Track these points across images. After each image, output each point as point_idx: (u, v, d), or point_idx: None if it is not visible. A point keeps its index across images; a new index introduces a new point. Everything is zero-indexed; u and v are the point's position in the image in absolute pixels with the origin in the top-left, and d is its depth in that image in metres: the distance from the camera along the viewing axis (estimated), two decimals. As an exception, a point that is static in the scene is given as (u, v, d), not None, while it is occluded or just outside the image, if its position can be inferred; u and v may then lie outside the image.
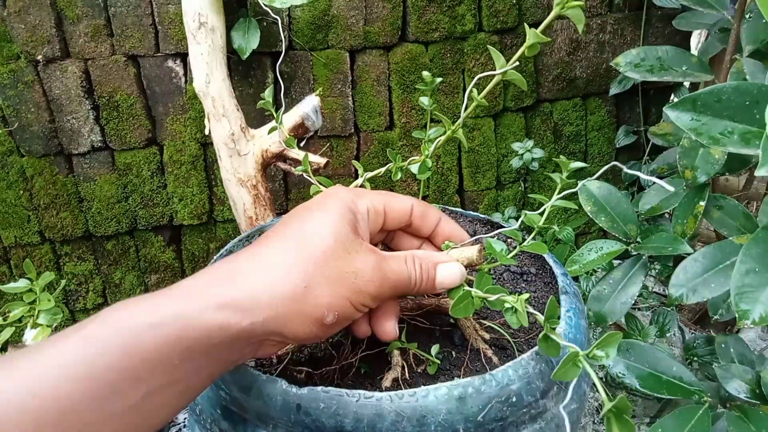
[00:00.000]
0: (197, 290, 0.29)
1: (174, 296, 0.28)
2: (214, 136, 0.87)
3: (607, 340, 0.30)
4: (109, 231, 1.06)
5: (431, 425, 0.33)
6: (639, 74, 0.86)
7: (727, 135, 0.43)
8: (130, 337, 0.26)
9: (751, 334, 1.19)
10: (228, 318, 0.28)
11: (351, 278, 0.32)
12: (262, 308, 0.29)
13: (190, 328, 0.27)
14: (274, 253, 0.31)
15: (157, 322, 0.27)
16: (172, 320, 0.27)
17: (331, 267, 0.31)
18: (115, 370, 0.25)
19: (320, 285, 0.30)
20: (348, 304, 0.32)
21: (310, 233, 0.32)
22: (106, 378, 0.25)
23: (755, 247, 0.46)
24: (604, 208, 0.76)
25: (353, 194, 0.36)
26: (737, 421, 0.59)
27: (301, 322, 0.30)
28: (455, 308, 0.36)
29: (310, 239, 0.32)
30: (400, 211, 0.38)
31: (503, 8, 1.06)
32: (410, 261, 0.35)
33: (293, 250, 0.31)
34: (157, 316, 0.27)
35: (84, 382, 0.25)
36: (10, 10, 0.90)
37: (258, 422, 0.35)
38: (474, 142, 1.14)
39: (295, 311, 0.30)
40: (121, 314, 0.27)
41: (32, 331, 0.74)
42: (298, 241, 0.32)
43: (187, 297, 0.28)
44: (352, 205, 0.35)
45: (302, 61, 1.02)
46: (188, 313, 0.27)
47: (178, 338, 0.27)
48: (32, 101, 0.95)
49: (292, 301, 0.29)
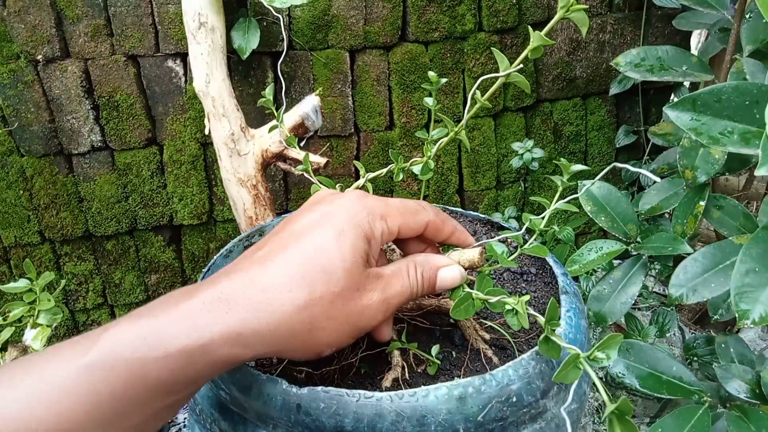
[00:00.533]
0: (200, 322, 0.28)
1: (176, 324, 0.28)
2: (214, 135, 0.87)
3: (607, 342, 0.30)
4: (109, 231, 1.06)
5: (431, 425, 0.33)
6: (639, 74, 0.86)
7: (727, 135, 0.43)
8: (135, 369, 0.26)
9: (751, 334, 1.19)
10: (233, 352, 0.28)
11: (355, 318, 0.31)
12: (265, 344, 0.29)
13: (197, 363, 0.28)
14: (284, 283, 0.29)
15: (161, 356, 0.27)
16: (177, 354, 0.27)
17: (338, 308, 0.30)
18: (117, 398, 0.26)
19: (325, 327, 0.30)
20: (348, 339, 0.32)
21: (320, 262, 0.30)
22: (109, 405, 0.26)
23: (755, 247, 0.46)
24: (604, 208, 0.76)
25: (370, 216, 0.33)
26: (737, 421, 0.59)
27: (300, 353, 0.31)
28: (456, 310, 0.36)
29: (321, 273, 0.30)
30: (414, 230, 0.36)
31: (503, 8, 1.06)
32: (411, 272, 0.35)
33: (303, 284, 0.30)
34: (162, 349, 0.27)
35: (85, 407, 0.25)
36: (10, 9, 0.90)
37: (258, 422, 0.35)
38: (474, 142, 1.14)
39: (297, 347, 0.30)
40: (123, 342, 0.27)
41: (32, 331, 0.74)
42: (308, 271, 0.30)
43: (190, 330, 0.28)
44: (367, 229, 0.32)
45: (302, 61, 1.02)
46: (193, 348, 0.27)
47: (183, 371, 0.27)
48: (32, 101, 0.95)
49: (295, 340, 0.30)
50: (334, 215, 0.32)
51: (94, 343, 0.27)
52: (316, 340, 0.30)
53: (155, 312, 0.28)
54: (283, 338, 0.29)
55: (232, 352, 0.28)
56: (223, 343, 0.28)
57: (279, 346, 0.30)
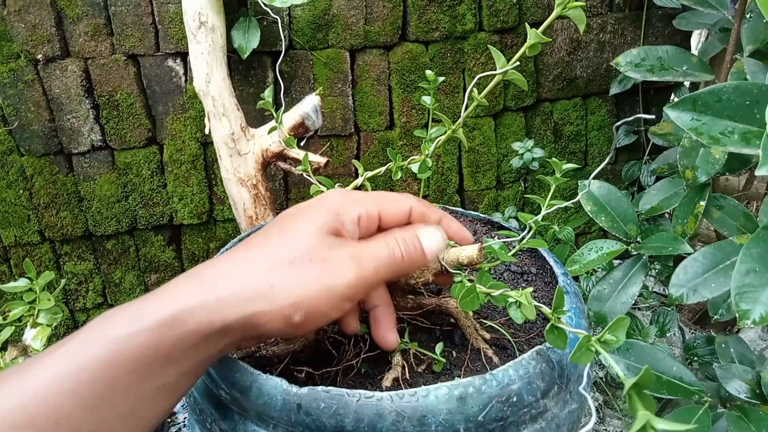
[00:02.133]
0: (171, 296, 0.30)
1: (149, 303, 0.29)
2: (214, 135, 0.87)
3: (615, 325, 0.30)
4: (109, 230, 1.06)
5: (432, 425, 0.33)
6: (639, 74, 0.86)
7: (727, 135, 0.43)
8: (111, 349, 0.27)
9: (751, 334, 1.19)
10: (200, 321, 0.29)
11: (320, 272, 0.31)
12: (230, 309, 0.30)
13: (167, 333, 0.28)
14: (245, 257, 0.32)
15: (134, 332, 0.27)
16: (148, 328, 0.28)
17: (300, 267, 0.31)
18: (100, 382, 0.26)
19: (285, 285, 0.31)
20: (317, 302, 0.31)
21: (285, 238, 0.32)
22: (93, 390, 0.26)
23: (755, 247, 0.46)
24: (604, 207, 0.76)
25: (345, 200, 0.35)
26: (737, 421, 0.59)
27: (269, 320, 0.30)
28: (462, 302, 0.35)
29: (284, 243, 0.32)
30: (396, 215, 0.37)
31: (503, 8, 1.06)
32: (389, 238, 0.35)
33: (264, 253, 0.32)
34: (135, 326, 0.28)
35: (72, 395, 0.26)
36: (10, 9, 0.90)
37: (258, 422, 0.35)
38: (474, 142, 1.14)
39: (262, 311, 0.30)
40: (102, 328, 0.28)
41: (32, 331, 0.74)
42: (272, 246, 0.32)
43: (161, 303, 0.29)
44: (341, 211, 0.34)
45: (302, 61, 1.02)
46: (162, 319, 0.28)
47: (156, 345, 0.28)
48: (32, 100, 0.95)
49: (257, 302, 0.30)
50: (307, 207, 0.35)
51: (74, 335, 0.28)
52: (279, 300, 0.30)
53: (134, 302, 0.30)
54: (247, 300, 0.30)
55: (199, 320, 0.29)
56: (191, 312, 0.29)
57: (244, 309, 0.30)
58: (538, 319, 0.46)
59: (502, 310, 0.47)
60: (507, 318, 0.46)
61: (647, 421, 0.24)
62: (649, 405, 0.25)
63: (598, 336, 0.31)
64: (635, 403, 0.25)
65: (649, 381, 0.25)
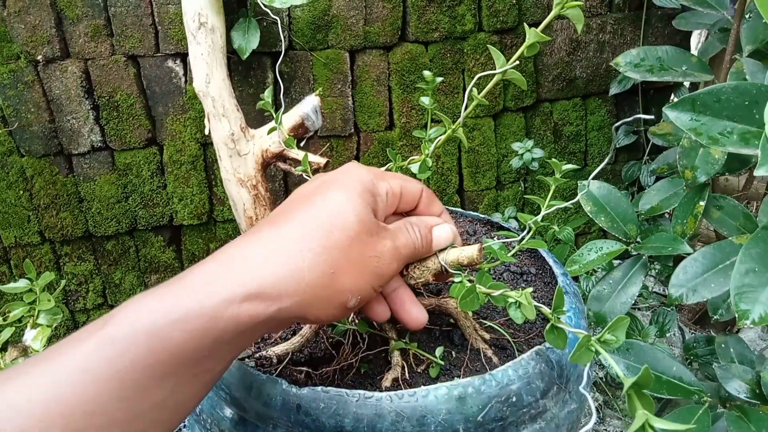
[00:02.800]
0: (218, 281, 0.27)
1: (193, 289, 0.27)
2: (214, 136, 0.87)
3: (615, 324, 0.30)
4: (109, 231, 1.06)
5: (431, 425, 0.33)
6: (639, 74, 0.86)
7: (726, 135, 0.43)
8: (153, 335, 0.25)
9: (751, 334, 1.19)
10: (256, 308, 0.27)
11: (374, 263, 0.32)
12: (289, 296, 0.28)
13: (217, 321, 0.26)
14: (298, 237, 0.30)
15: (180, 318, 0.26)
16: (196, 315, 0.26)
17: (356, 252, 0.31)
18: (140, 369, 0.25)
19: (346, 271, 0.30)
20: (369, 287, 0.32)
21: (334, 214, 0.31)
22: (131, 377, 0.25)
23: (755, 247, 0.46)
24: (604, 208, 0.76)
25: (373, 175, 0.35)
26: (737, 421, 0.59)
27: (325, 306, 0.30)
28: (462, 302, 0.35)
29: (335, 222, 0.31)
30: (413, 195, 0.38)
31: (503, 8, 1.06)
32: (410, 228, 0.35)
33: (318, 234, 0.30)
34: (180, 311, 0.26)
35: (108, 383, 0.24)
36: (10, 10, 0.90)
37: (258, 422, 0.35)
38: (474, 142, 1.14)
39: (321, 297, 0.30)
40: (139, 313, 0.26)
41: (32, 331, 0.74)
42: (322, 224, 0.30)
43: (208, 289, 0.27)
44: (372, 187, 0.34)
45: (302, 61, 1.02)
46: (213, 306, 0.26)
47: (204, 332, 0.26)
48: (32, 101, 0.95)
49: (318, 288, 0.29)
50: (339, 179, 0.34)
51: (108, 320, 0.26)
52: (339, 285, 0.30)
53: (172, 282, 0.28)
54: (308, 285, 0.29)
55: (254, 307, 0.27)
56: (245, 297, 0.27)
57: (303, 295, 0.29)
58: (538, 320, 0.46)
59: (501, 311, 0.47)
60: (507, 318, 0.46)
61: (646, 421, 0.24)
62: (649, 405, 0.25)
63: (597, 336, 0.31)
64: (634, 403, 0.25)
65: (649, 381, 0.25)
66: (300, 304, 0.29)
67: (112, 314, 0.26)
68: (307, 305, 0.29)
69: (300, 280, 0.28)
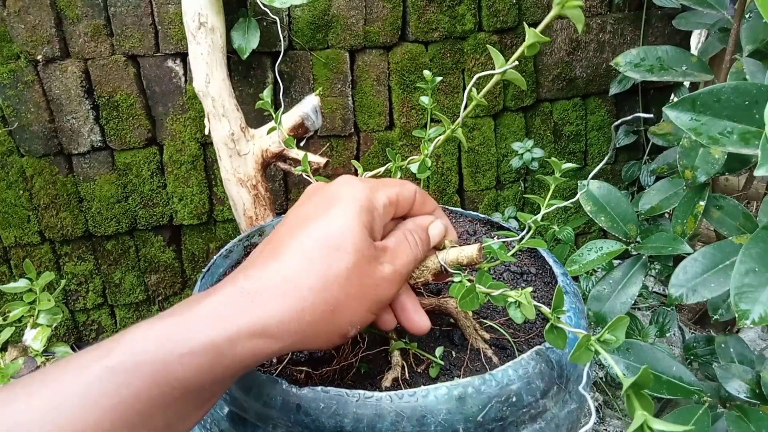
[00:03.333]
0: (225, 316, 0.28)
1: (200, 321, 0.27)
2: (214, 136, 0.87)
3: (615, 324, 0.30)
4: (109, 231, 1.06)
5: (431, 425, 0.33)
6: (639, 74, 0.86)
7: (726, 135, 0.43)
8: (158, 368, 0.25)
9: (751, 334, 1.19)
10: (260, 346, 0.28)
11: (372, 291, 0.32)
12: (291, 334, 0.29)
13: (223, 358, 0.27)
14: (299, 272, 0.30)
15: (186, 353, 0.26)
16: (203, 350, 0.26)
17: (355, 284, 0.31)
18: (143, 400, 0.25)
19: (345, 306, 0.30)
20: (370, 315, 0.32)
21: (331, 244, 0.31)
22: (134, 407, 0.25)
23: (755, 247, 0.46)
24: (604, 208, 0.76)
25: (369, 189, 0.34)
26: (737, 421, 0.59)
27: (324, 339, 0.31)
28: (462, 302, 0.35)
29: (333, 253, 0.31)
30: (408, 200, 0.38)
31: (503, 8, 1.06)
32: (410, 238, 0.35)
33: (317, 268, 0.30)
34: (186, 346, 0.26)
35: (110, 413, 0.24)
36: (10, 10, 0.90)
37: (258, 422, 0.35)
38: (474, 142, 1.14)
39: (320, 332, 0.30)
40: (145, 343, 0.26)
41: (32, 331, 0.74)
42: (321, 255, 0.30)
43: (215, 324, 0.27)
44: (369, 204, 0.33)
45: (302, 61, 1.02)
46: (220, 342, 0.27)
47: (209, 368, 0.27)
48: (32, 101, 0.95)
49: (319, 325, 0.30)
50: (335, 197, 0.34)
51: (113, 348, 0.26)
52: (339, 320, 0.30)
53: (177, 312, 0.28)
54: (309, 324, 0.29)
55: (258, 345, 0.28)
56: (250, 335, 0.27)
57: (305, 333, 0.29)
58: (538, 319, 0.46)
59: (501, 310, 0.47)
60: (506, 318, 0.46)
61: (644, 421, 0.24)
62: (648, 405, 0.25)
63: (597, 336, 0.31)
64: (633, 403, 0.25)
65: (648, 381, 0.25)
66: (301, 341, 0.30)
67: (116, 340, 0.26)
68: (308, 341, 0.30)
69: (301, 320, 0.29)
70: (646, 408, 0.25)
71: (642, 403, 0.25)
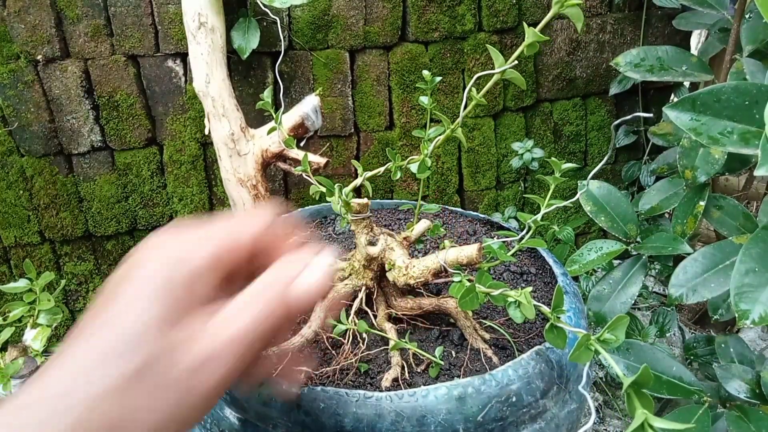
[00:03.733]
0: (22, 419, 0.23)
1: None
2: (214, 136, 0.87)
3: (615, 324, 0.30)
4: (109, 231, 1.06)
5: (431, 425, 0.33)
6: (639, 74, 0.86)
7: (726, 135, 0.43)
8: None
9: (751, 334, 1.19)
10: None
11: (186, 380, 0.25)
12: None
13: None
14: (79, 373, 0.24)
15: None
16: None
17: (145, 390, 0.24)
18: None
19: (145, 407, 0.24)
20: (187, 412, 0.25)
21: (119, 338, 0.25)
22: None
23: (755, 247, 0.46)
24: (604, 208, 0.76)
25: (180, 251, 0.28)
26: (737, 421, 0.59)
27: None
28: (462, 302, 0.35)
29: (120, 350, 0.24)
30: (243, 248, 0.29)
31: (503, 8, 1.06)
32: (253, 304, 0.27)
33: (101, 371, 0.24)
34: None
35: None
36: (10, 10, 0.90)
37: (258, 422, 0.35)
38: (474, 142, 1.14)
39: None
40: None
41: (32, 331, 0.74)
42: (106, 353, 0.24)
43: None
44: (177, 274, 0.27)
45: (302, 61, 1.02)
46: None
47: None
48: (32, 101, 0.95)
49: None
50: (124, 280, 0.27)
51: None
52: (142, 426, 0.24)
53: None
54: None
55: None
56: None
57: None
58: (538, 319, 0.46)
59: (501, 310, 0.47)
60: (506, 318, 0.46)
61: (645, 420, 0.24)
62: (648, 404, 0.25)
63: (597, 335, 0.31)
64: (634, 403, 0.25)
65: (648, 380, 0.25)
66: None
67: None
68: None
69: None
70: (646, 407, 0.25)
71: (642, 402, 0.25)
